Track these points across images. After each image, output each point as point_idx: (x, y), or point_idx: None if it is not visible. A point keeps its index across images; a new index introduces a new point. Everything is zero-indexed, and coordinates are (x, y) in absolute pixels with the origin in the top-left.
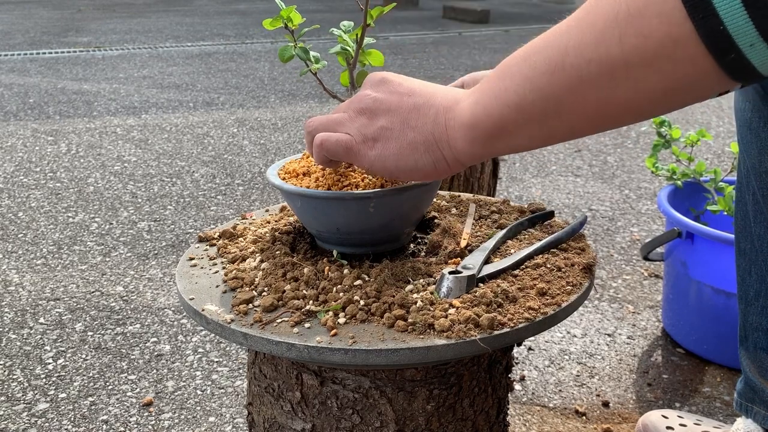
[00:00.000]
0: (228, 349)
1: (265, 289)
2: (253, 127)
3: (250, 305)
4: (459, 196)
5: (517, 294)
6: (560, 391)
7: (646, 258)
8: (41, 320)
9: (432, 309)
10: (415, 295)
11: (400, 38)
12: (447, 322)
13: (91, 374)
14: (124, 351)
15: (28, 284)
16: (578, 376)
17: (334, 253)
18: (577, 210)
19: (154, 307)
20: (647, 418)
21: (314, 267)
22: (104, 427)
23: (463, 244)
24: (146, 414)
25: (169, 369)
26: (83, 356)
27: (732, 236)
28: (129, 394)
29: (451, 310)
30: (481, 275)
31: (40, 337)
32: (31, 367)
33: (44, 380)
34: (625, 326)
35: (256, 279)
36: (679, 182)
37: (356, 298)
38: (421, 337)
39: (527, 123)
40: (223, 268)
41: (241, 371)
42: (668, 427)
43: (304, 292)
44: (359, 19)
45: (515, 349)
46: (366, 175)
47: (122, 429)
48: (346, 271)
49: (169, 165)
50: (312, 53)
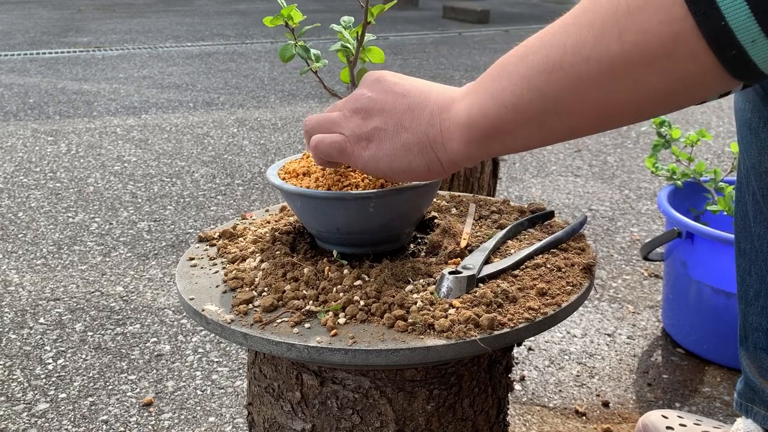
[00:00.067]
0: (228, 349)
1: (265, 289)
2: (253, 127)
3: (250, 305)
4: (459, 196)
5: (517, 294)
6: (560, 391)
7: (646, 258)
8: (41, 320)
9: (432, 309)
10: (415, 296)
11: (400, 38)
12: (447, 322)
13: (91, 374)
14: (124, 351)
15: (28, 284)
16: (578, 376)
17: (334, 253)
18: (577, 210)
19: (154, 307)
20: (647, 418)
21: (314, 267)
22: (104, 427)
23: (463, 244)
24: (146, 414)
25: (169, 369)
26: (83, 356)
27: (732, 236)
28: (129, 394)
29: (451, 311)
30: (481, 275)
31: (40, 337)
32: (31, 367)
33: (44, 380)
34: (625, 326)
35: (256, 279)
36: (679, 182)
37: (356, 298)
38: (421, 337)
39: (525, 123)
40: (223, 268)
41: (241, 371)
42: (668, 427)
43: (304, 292)
44: (359, 19)
45: (515, 349)
46: (366, 175)
47: (122, 429)
48: (346, 271)
49: (169, 165)
50: (313, 51)
